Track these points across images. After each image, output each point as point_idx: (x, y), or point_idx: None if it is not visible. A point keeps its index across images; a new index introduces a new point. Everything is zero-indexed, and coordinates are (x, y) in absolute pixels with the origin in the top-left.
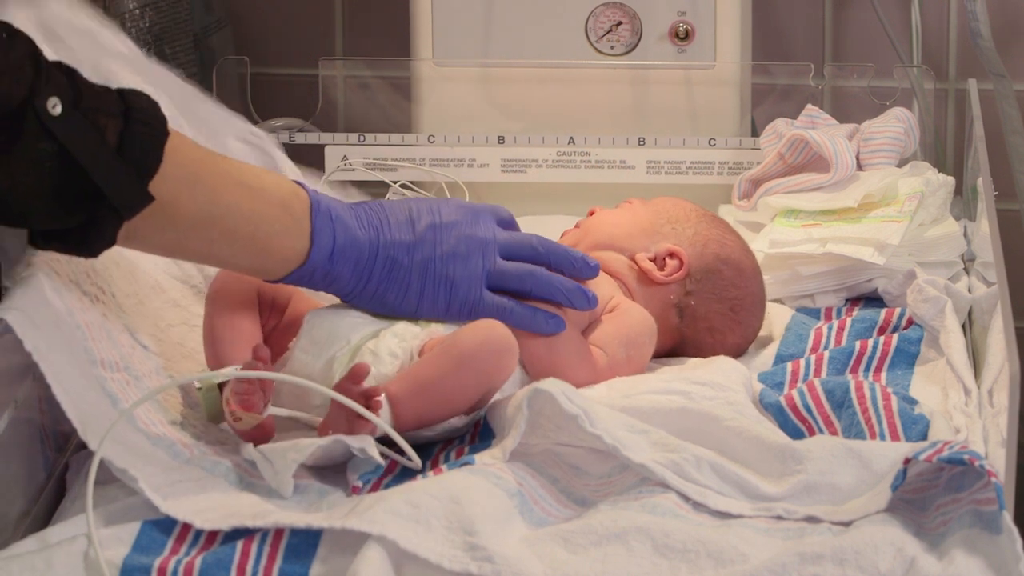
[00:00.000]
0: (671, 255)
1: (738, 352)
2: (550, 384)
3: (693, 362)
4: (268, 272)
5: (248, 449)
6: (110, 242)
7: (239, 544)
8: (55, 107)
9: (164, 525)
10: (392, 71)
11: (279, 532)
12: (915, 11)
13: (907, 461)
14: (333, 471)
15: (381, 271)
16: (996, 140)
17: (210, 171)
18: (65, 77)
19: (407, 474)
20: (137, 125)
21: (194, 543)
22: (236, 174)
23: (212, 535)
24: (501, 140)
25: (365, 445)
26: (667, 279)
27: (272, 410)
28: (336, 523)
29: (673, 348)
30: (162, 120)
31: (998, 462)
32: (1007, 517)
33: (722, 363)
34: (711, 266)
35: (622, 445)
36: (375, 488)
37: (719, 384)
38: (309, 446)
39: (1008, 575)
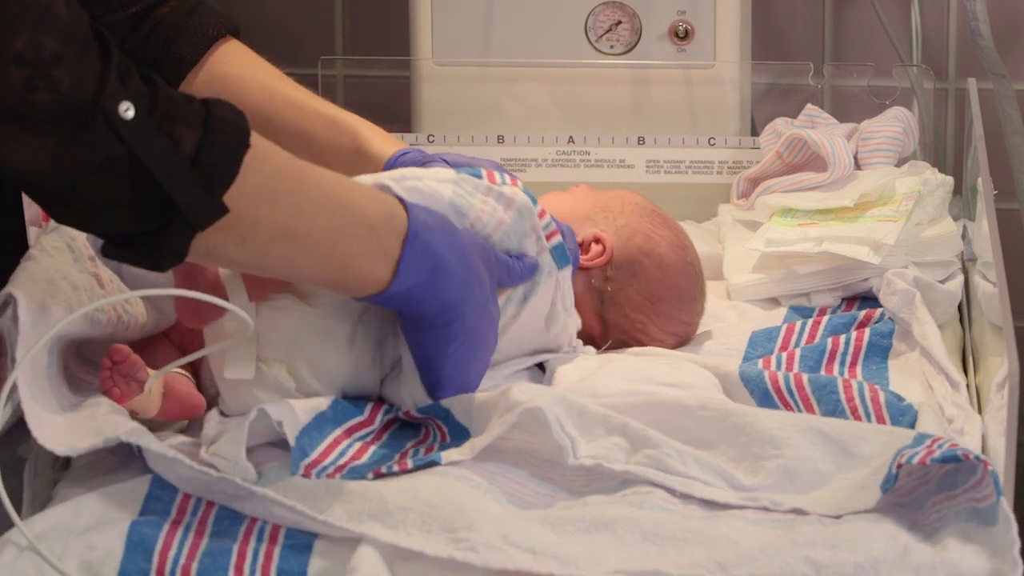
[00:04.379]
0: (596, 240)
1: (673, 347)
2: (548, 408)
3: (652, 352)
4: (347, 292)
5: (203, 453)
6: (180, 255)
7: (235, 547)
8: (127, 111)
9: (153, 523)
10: (392, 71)
11: (276, 528)
12: (915, 11)
13: (900, 466)
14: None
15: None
16: (996, 140)
17: (294, 184)
18: (145, 85)
19: (369, 463)
20: (216, 135)
21: (184, 537)
22: (324, 187)
23: (201, 528)
24: (501, 140)
25: (283, 418)
26: (588, 263)
27: (152, 379)
28: (319, 517)
29: (602, 333)
30: (244, 131)
31: (998, 456)
32: (1004, 503)
33: (685, 365)
34: (633, 257)
35: (606, 460)
36: (331, 477)
37: (687, 384)
38: (241, 428)
39: (1003, 560)
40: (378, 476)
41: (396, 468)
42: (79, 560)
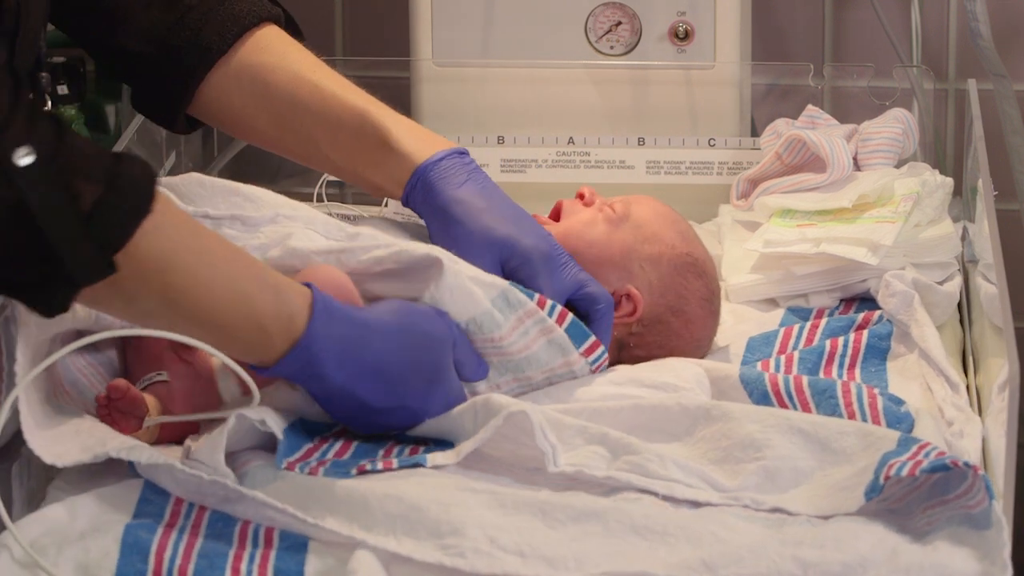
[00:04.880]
0: (628, 297)
1: None
2: (532, 413)
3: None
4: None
5: (183, 459)
6: (64, 306)
7: (232, 550)
8: (24, 156)
9: (148, 526)
10: (392, 71)
11: (270, 531)
12: (915, 11)
13: (887, 477)
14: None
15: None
16: (996, 140)
17: (192, 264)
18: (53, 132)
19: (353, 458)
20: (116, 195)
21: (179, 539)
22: (225, 272)
23: (195, 531)
24: (501, 140)
25: (265, 417)
26: (616, 319)
27: (150, 421)
28: (310, 520)
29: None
30: (147, 196)
31: (999, 459)
32: (996, 507)
33: (673, 363)
34: (661, 316)
35: (587, 467)
36: (314, 472)
37: (671, 385)
38: (221, 435)
39: (993, 563)
40: (362, 472)
41: (380, 466)
42: (75, 562)
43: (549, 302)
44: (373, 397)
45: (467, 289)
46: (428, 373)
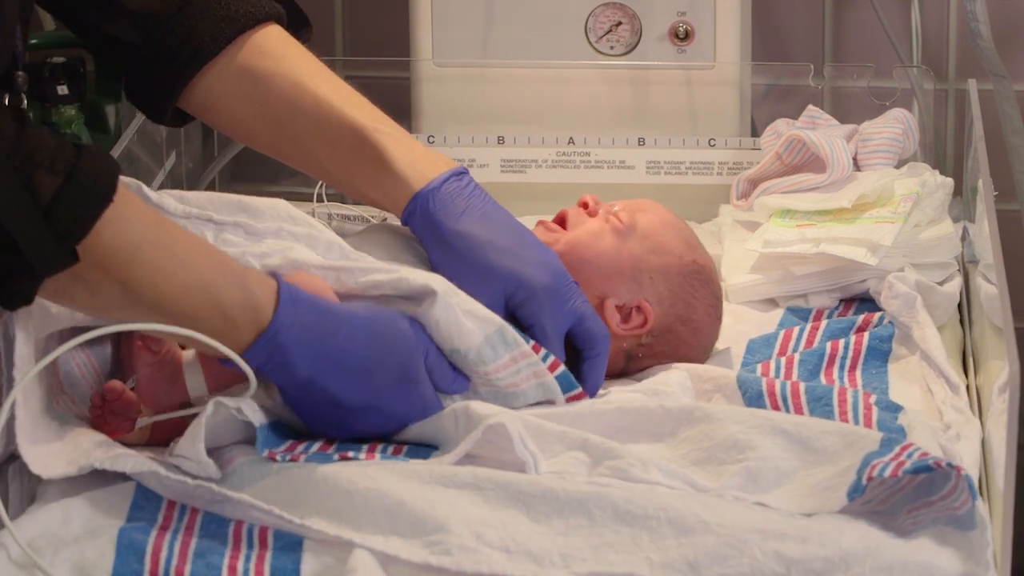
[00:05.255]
0: (639, 309)
1: None
2: (510, 422)
3: None
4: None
5: (167, 456)
6: (27, 297)
7: (227, 550)
8: None
9: (142, 528)
10: (392, 71)
11: (264, 531)
12: (915, 11)
13: (870, 478)
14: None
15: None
16: (996, 140)
17: (154, 259)
18: (13, 128)
19: (335, 451)
20: (76, 187)
21: (173, 540)
22: (189, 264)
23: (188, 533)
24: (501, 140)
25: (242, 405)
26: (626, 332)
27: (142, 421)
28: (297, 520)
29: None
30: (109, 187)
31: (999, 460)
32: (981, 507)
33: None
34: (671, 326)
35: (568, 474)
36: (296, 459)
37: (652, 390)
38: (199, 425)
39: (976, 563)
40: (344, 459)
41: (363, 456)
42: (71, 563)
43: (543, 350)
44: (342, 391)
45: (458, 323)
46: (398, 371)
